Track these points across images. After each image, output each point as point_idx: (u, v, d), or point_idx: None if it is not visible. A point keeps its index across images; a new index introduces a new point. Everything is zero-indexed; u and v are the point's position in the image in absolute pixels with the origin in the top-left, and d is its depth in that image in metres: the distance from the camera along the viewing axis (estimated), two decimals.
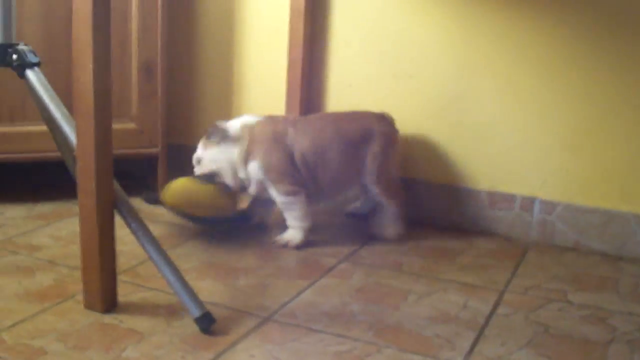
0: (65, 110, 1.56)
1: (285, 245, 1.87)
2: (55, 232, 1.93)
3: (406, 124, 2.10)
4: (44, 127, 1.97)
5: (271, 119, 1.92)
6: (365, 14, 2.11)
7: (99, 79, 1.36)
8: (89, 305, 1.47)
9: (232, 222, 1.96)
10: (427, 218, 2.11)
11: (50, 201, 2.15)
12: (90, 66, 1.35)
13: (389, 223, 1.96)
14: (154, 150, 2.19)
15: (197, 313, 1.38)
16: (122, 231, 1.49)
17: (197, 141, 1.95)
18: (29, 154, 2.08)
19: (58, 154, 1.96)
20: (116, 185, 1.45)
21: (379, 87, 2.12)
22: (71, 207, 2.10)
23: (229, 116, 2.23)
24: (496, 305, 1.59)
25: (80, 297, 1.52)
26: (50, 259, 1.74)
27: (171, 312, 1.47)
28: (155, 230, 1.63)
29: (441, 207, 2.09)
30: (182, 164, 2.10)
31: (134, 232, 1.44)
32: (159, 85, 2.15)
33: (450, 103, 2.05)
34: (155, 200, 2.09)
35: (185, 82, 2.41)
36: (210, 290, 1.58)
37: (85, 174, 1.40)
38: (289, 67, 2.15)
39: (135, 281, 1.62)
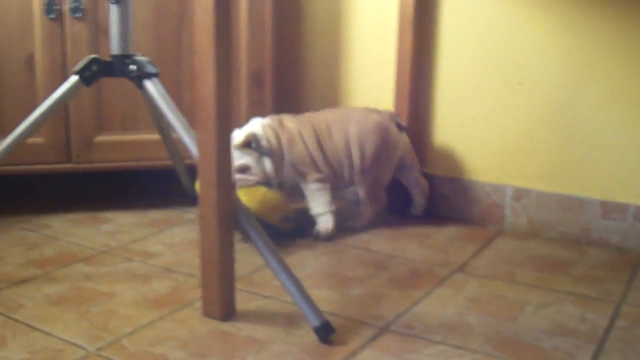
0: (184, 120, 1.59)
1: (325, 234, 1.98)
2: (167, 239, 1.96)
3: (516, 132, 2.07)
4: (154, 136, 2.02)
5: (286, 119, 2.03)
6: (475, 20, 2.09)
7: (220, 89, 1.38)
8: (207, 313, 1.49)
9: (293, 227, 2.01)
10: (537, 228, 2.08)
11: (160, 208, 2.19)
12: (211, 77, 1.37)
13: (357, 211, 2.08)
14: None
15: (316, 322, 1.39)
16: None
17: None
18: (139, 162, 2.12)
19: (168, 162, 2.00)
20: (234, 194, 1.47)
21: (489, 94, 2.10)
22: (182, 215, 2.14)
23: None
24: (614, 318, 1.56)
25: (198, 304, 1.54)
26: (165, 266, 1.77)
27: (289, 320, 1.48)
28: None
29: (552, 217, 2.06)
30: None
31: (253, 241, 1.45)
32: (267, 94, 2.17)
33: (560, 110, 2.01)
34: None
35: (292, 91, 2.43)
36: (326, 299, 1.59)
37: (206, 184, 1.42)
38: (397, 75, 2.15)
39: (251, 289, 1.64)
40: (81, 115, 2.07)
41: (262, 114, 2.12)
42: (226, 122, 1.41)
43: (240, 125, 2.02)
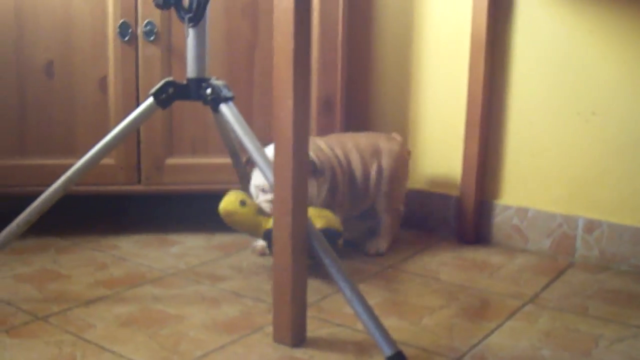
0: (258, 144, 1.59)
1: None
2: (236, 263, 1.96)
3: (588, 162, 2.04)
4: (224, 160, 2.03)
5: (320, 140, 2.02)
6: (548, 48, 2.07)
7: (298, 114, 1.38)
8: (278, 339, 1.49)
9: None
10: (609, 260, 2.04)
11: (228, 232, 2.20)
12: (290, 102, 1.37)
13: (374, 238, 2.09)
14: None
15: (389, 352, 1.37)
16: None
17: None
18: (208, 185, 2.13)
19: (237, 186, 2.01)
20: (309, 222, 1.47)
21: (561, 124, 2.08)
22: (249, 239, 2.14)
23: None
24: None
25: (268, 329, 1.54)
26: (234, 290, 1.77)
27: (360, 349, 1.47)
28: None
29: (624, 249, 2.02)
30: None
31: (327, 267, 1.45)
32: (337, 119, 2.17)
33: (634, 141, 1.98)
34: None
35: (361, 117, 2.43)
36: (396, 328, 1.57)
37: (281, 208, 1.42)
38: (468, 102, 2.13)
39: (321, 316, 1.63)
40: (152, 137, 2.09)
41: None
42: (303, 147, 1.41)
43: None
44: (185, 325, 1.57)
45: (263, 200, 1.86)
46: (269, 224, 1.82)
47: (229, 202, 1.82)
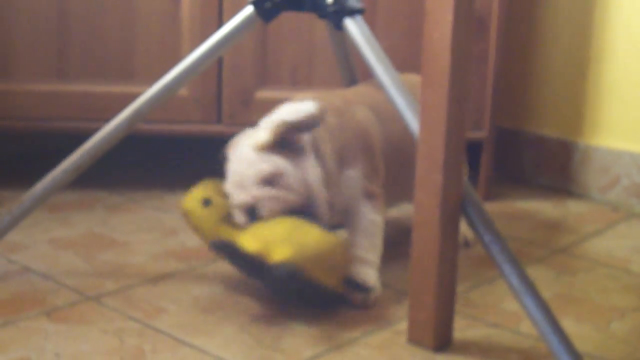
0: (397, 75, 1.59)
1: (365, 293, 1.63)
2: None
3: None
4: None
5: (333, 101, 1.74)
6: None
7: (459, 35, 1.37)
8: (414, 338, 1.49)
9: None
10: None
11: None
12: (449, 18, 1.36)
13: None
14: (478, 134, 2.20)
15: None
16: None
17: (533, 127, 1.95)
18: None
19: None
20: (465, 183, 1.46)
21: None
22: None
23: (582, 97, 2.22)
24: None
25: (400, 326, 1.55)
26: None
27: (526, 359, 1.47)
28: None
29: None
30: (511, 154, 2.09)
31: (486, 246, 1.44)
32: (491, 44, 2.16)
33: None
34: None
35: (522, 44, 2.42)
36: (575, 334, 1.56)
37: (427, 161, 1.42)
38: None
39: (470, 312, 1.63)
40: (239, 62, 2.11)
41: (481, 72, 2.12)
42: (462, 81, 1.40)
43: None
44: (286, 315, 1.58)
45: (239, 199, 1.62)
46: (237, 238, 1.58)
47: (191, 197, 1.70)
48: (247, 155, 1.60)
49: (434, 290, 1.45)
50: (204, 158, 2.47)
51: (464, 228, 1.90)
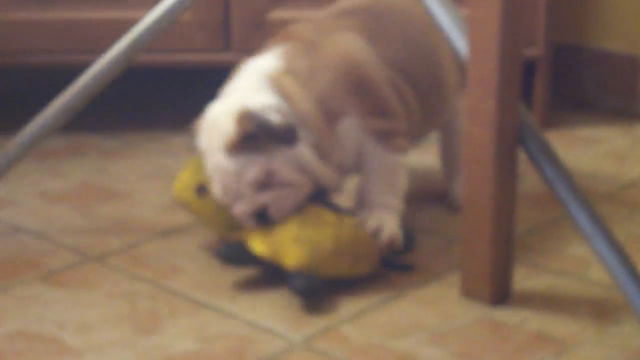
0: None
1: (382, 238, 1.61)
2: None
3: None
4: None
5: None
6: None
7: None
8: (468, 292, 1.52)
9: None
10: None
11: None
12: None
13: (454, 177, 1.87)
14: (531, 51, 2.21)
15: None
16: None
17: (596, 41, 1.95)
18: None
19: None
20: (522, 110, 1.48)
21: None
22: None
23: None
24: None
25: (451, 278, 1.58)
26: None
27: (600, 312, 1.49)
28: None
29: None
30: (571, 73, 2.09)
31: (548, 182, 1.46)
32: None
33: None
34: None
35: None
36: None
37: (480, 90, 1.44)
38: None
39: (530, 258, 1.65)
40: None
41: None
42: None
43: None
44: None
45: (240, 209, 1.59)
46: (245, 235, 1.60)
47: (184, 185, 1.69)
48: (224, 164, 1.56)
49: (489, 236, 1.47)
50: (211, 91, 2.47)
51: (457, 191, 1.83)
